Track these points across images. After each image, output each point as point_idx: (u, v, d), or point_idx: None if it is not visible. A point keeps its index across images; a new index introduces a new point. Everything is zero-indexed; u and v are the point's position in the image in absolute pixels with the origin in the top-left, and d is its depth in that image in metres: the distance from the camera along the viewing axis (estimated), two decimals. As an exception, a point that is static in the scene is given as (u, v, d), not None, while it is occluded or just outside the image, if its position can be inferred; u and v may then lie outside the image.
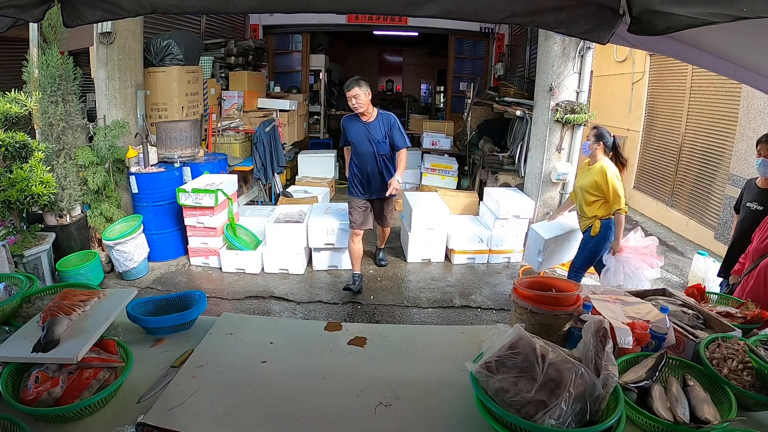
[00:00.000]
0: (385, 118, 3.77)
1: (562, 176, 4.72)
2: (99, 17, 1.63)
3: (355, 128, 3.78)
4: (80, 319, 1.36)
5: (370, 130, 3.73)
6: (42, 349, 1.20)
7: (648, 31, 1.38)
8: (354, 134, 3.79)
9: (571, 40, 4.42)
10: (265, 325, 1.63)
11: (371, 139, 3.74)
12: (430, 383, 1.31)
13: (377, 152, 3.77)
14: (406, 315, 3.78)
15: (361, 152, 3.80)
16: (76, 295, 1.47)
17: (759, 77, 1.78)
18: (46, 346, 1.21)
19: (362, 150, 3.78)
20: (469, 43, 9.17)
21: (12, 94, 3.38)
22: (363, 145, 3.77)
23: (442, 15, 1.55)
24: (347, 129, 3.84)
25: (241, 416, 1.15)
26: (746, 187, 3.02)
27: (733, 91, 5.05)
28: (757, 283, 2.28)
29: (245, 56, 7.25)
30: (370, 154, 3.77)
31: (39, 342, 1.22)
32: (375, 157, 3.78)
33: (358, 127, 3.76)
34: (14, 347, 1.23)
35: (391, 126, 3.76)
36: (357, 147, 3.81)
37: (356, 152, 3.84)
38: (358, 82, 3.60)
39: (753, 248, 2.49)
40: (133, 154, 4.33)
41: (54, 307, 1.36)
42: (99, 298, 1.49)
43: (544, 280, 1.58)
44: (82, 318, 1.37)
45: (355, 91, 3.58)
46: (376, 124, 3.74)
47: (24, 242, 3.43)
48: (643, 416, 1.13)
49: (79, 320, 1.35)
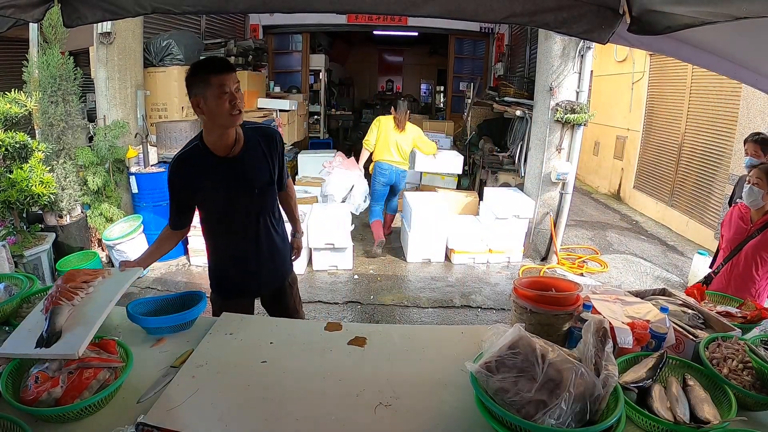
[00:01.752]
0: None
1: (562, 176, 4.71)
2: (99, 17, 1.63)
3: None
4: (83, 304, 1.36)
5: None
6: (45, 344, 1.21)
7: (648, 31, 1.38)
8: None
9: (571, 40, 4.42)
10: (265, 325, 1.63)
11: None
12: (430, 383, 1.31)
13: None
14: (406, 315, 3.78)
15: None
16: (80, 275, 1.47)
17: (759, 77, 1.78)
18: (49, 340, 1.21)
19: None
20: (469, 43, 9.16)
21: (12, 94, 3.38)
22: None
23: (442, 15, 1.56)
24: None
25: (241, 416, 1.15)
26: (739, 183, 3.14)
27: (733, 91, 5.05)
28: (747, 265, 2.47)
29: (245, 56, 7.24)
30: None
31: (42, 336, 1.23)
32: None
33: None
34: (18, 342, 1.24)
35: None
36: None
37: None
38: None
39: (728, 239, 2.65)
40: (133, 154, 4.33)
41: (56, 294, 1.36)
42: (103, 278, 1.50)
43: (544, 280, 1.58)
44: (86, 302, 1.37)
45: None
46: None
47: (24, 242, 3.43)
48: (643, 416, 1.13)
49: (82, 305, 1.36)
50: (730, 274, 2.57)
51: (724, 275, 2.61)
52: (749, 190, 2.44)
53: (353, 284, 4.24)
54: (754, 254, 2.45)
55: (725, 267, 2.61)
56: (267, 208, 1.86)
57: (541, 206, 4.85)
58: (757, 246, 2.45)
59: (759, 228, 2.46)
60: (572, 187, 4.84)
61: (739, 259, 2.53)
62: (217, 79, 1.55)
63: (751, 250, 2.47)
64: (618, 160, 7.79)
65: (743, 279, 2.50)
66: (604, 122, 7.94)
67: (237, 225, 1.82)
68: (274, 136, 1.83)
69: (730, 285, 2.53)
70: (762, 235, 2.44)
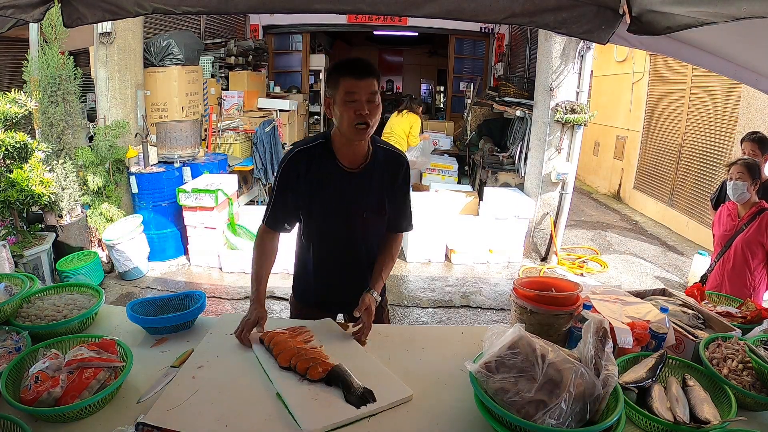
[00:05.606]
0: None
1: (562, 176, 4.71)
2: (99, 17, 1.63)
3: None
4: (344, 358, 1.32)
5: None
6: (359, 402, 1.18)
7: (648, 31, 1.38)
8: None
9: (571, 40, 4.42)
10: (265, 325, 1.62)
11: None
12: (430, 383, 1.31)
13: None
14: (406, 315, 3.78)
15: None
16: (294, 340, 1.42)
17: (759, 77, 1.78)
18: (362, 399, 1.19)
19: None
20: (469, 43, 9.17)
21: (12, 94, 3.38)
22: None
23: (442, 15, 1.55)
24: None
25: (241, 416, 1.15)
26: (723, 186, 3.16)
27: (733, 91, 5.05)
28: (739, 259, 2.52)
29: (245, 56, 7.25)
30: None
31: (355, 395, 1.19)
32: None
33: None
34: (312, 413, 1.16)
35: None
36: None
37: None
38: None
39: (718, 236, 2.71)
40: (133, 154, 4.34)
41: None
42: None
43: (544, 280, 1.57)
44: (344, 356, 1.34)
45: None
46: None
47: (24, 242, 3.43)
48: (643, 416, 1.13)
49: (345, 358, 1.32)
50: (723, 270, 2.61)
51: (717, 272, 2.66)
52: (734, 186, 2.49)
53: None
54: (745, 247, 2.50)
55: (718, 263, 2.65)
56: (370, 239, 1.63)
57: (541, 206, 4.85)
58: (746, 239, 2.49)
59: (746, 221, 2.51)
60: (572, 188, 4.85)
61: (730, 254, 2.57)
62: (349, 84, 1.37)
63: (741, 243, 2.52)
64: (618, 160, 7.79)
65: (737, 273, 2.54)
66: (604, 122, 7.94)
67: (334, 246, 1.62)
68: (402, 162, 1.58)
69: (724, 281, 2.57)
70: (749, 228, 2.49)
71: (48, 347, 1.29)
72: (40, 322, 1.46)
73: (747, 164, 2.47)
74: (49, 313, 1.50)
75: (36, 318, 1.48)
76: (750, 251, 2.48)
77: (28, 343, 1.33)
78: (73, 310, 1.52)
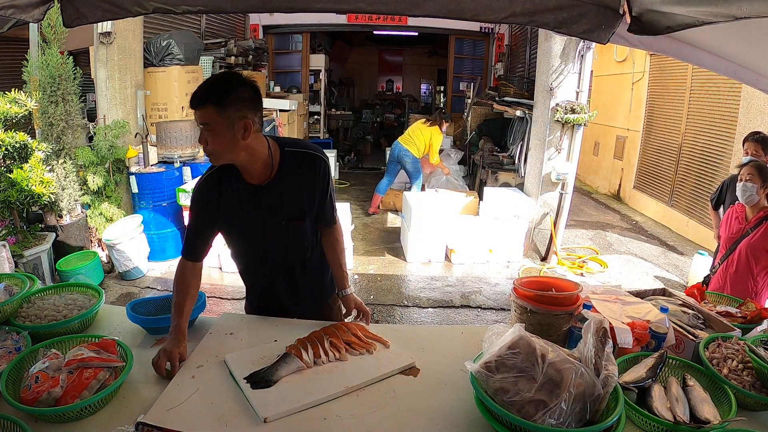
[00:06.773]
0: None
1: (562, 176, 4.71)
2: (99, 17, 1.62)
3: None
4: (322, 371, 1.32)
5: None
6: (253, 382, 1.23)
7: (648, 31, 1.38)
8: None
9: (571, 40, 4.41)
10: (265, 325, 1.63)
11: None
12: (430, 383, 1.31)
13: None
14: (406, 315, 3.78)
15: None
16: (347, 335, 1.47)
17: (759, 77, 1.78)
18: (258, 382, 1.23)
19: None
20: (469, 43, 9.17)
21: (12, 94, 3.37)
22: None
23: (443, 14, 1.55)
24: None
25: (241, 416, 1.15)
26: (724, 186, 3.19)
27: (733, 91, 5.05)
28: (743, 263, 2.50)
29: (245, 56, 7.25)
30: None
31: (258, 372, 1.25)
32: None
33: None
34: (242, 361, 1.33)
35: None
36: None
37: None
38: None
39: (724, 238, 2.68)
40: (133, 154, 4.33)
41: (305, 342, 1.40)
42: (370, 352, 1.41)
43: (544, 279, 1.57)
44: (335, 369, 1.33)
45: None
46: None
47: (24, 242, 3.43)
48: (643, 416, 1.13)
49: (320, 371, 1.32)
50: (726, 273, 2.59)
51: (720, 274, 2.64)
52: (743, 187, 2.45)
53: (353, 284, 4.24)
54: (749, 252, 2.48)
55: (722, 266, 2.63)
56: (300, 242, 1.61)
57: (541, 206, 4.85)
58: (751, 244, 2.47)
59: (753, 225, 2.48)
60: (572, 188, 4.84)
61: (734, 257, 2.55)
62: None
63: (746, 247, 2.49)
64: (618, 160, 7.79)
65: (740, 277, 2.51)
66: (604, 122, 7.94)
67: (264, 258, 1.63)
68: (315, 162, 1.52)
69: (726, 283, 2.56)
70: (755, 233, 2.46)
71: (48, 347, 1.29)
72: (40, 322, 1.46)
73: (758, 166, 2.45)
74: (49, 313, 1.50)
75: (36, 318, 1.48)
76: (754, 256, 2.46)
77: (28, 343, 1.34)
78: (73, 310, 1.52)
